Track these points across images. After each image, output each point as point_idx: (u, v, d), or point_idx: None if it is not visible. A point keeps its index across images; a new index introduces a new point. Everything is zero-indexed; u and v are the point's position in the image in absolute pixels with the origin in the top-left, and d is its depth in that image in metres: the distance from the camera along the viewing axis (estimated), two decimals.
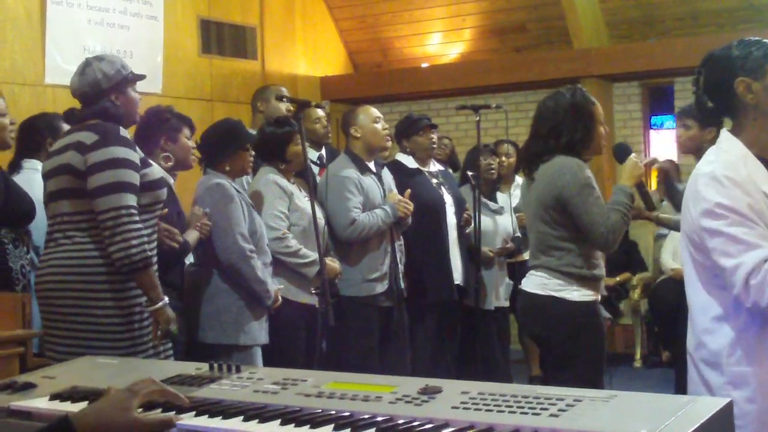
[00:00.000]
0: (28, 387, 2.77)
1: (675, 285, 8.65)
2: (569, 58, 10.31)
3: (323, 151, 6.64)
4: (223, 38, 10.02)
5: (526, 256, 7.30)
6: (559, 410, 2.09)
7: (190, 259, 5.20)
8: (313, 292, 5.30)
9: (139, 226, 4.06)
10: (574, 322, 4.27)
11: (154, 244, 4.27)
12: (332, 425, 2.19)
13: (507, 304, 7.09)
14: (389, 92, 10.97)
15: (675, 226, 5.91)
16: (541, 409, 2.11)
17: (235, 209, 5.02)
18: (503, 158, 7.64)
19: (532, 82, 10.49)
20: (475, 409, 2.18)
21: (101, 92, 4.21)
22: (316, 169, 6.35)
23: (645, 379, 8.74)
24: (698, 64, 3.04)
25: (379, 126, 5.98)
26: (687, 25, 10.05)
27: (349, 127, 6.00)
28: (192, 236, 4.86)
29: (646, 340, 9.62)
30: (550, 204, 4.27)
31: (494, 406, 2.17)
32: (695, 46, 9.63)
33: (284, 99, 5.57)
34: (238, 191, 5.13)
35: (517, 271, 7.28)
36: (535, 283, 4.36)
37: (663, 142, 10.37)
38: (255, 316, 5.07)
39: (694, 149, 5.77)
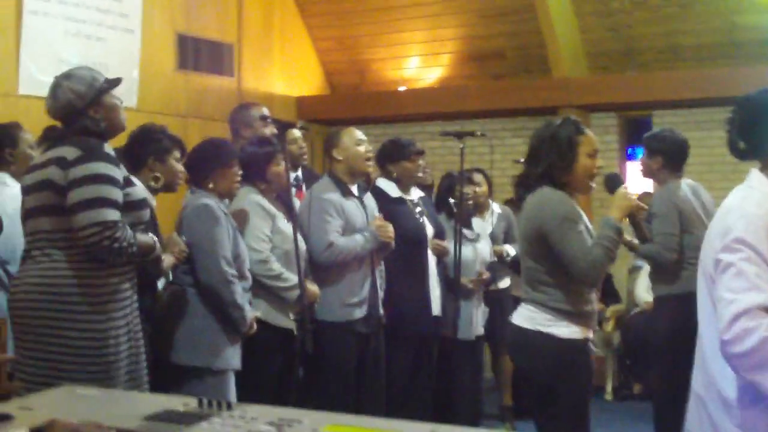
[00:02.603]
0: (5, 419, 2.62)
1: (648, 318, 8.63)
2: (548, 87, 10.31)
3: (299, 173, 6.52)
4: (200, 54, 9.91)
5: (501, 284, 7.25)
6: None
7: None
8: (292, 318, 5.22)
9: (125, 237, 3.95)
10: (560, 358, 4.17)
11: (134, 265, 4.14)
12: None
13: (482, 331, 6.98)
14: (366, 114, 10.90)
15: (647, 255, 5.91)
16: None
17: (221, 232, 4.93)
18: (476, 188, 7.51)
19: (510, 110, 10.48)
20: None
21: (77, 112, 4.08)
22: (293, 191, 6.18)
23: (616, 412, 8.70)
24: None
25: (362, 149, 5.86)
26: (667, 59, 10.07)
27: (331, 150, 5.89)
28: (167, 261, 4.73)
29: (617, 372, 9.56)
30: (533, 238, 4.21)
31: None
32: (674, 79, 9.68)
33: (268, 120, 5.51)
34: (225, 213, 5.04)
35: (493, 300, 7.20)
36: (524, 316, 4.27)
37: (639, 174, 10.34)
38: (230, 341, 4.97)
39: (649, 175, 6.25)
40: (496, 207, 7.78)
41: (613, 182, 4.39)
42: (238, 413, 2.55)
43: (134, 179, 4.30)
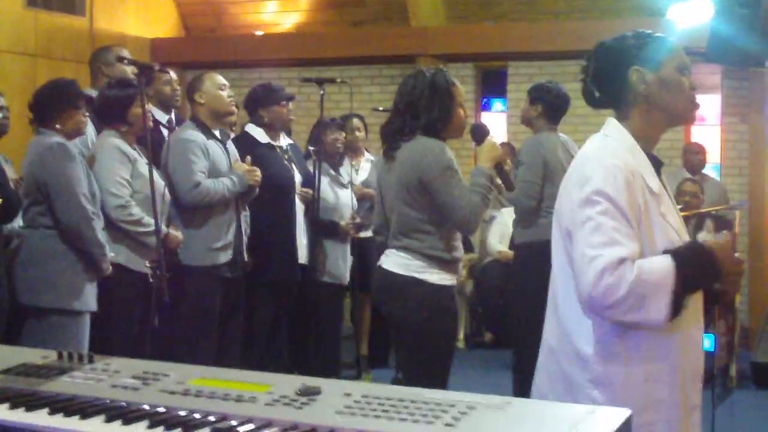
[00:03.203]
0: None
1: (501, 267, 8.79)
2: (406, 35, 10.28)
3: (172, 115, 6.38)
4: None
5: (365, 233, 7.26)
6: (453, 418, 1.98)
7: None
8: (148, 265, 5.13)
9: None
10: (431, 304, 4.25)
11: None
12: (208, 429, 2.01)
13: (347, 279, 6.99)
14: (222, 58, 10.68)
15: (509, 199, 6.08)
16: (434, 416, 2.00)
17: (77, 168, 4.88)
18: (356, 132, 7.54)
19: (368, 57, 10.40)
20: (362, 415, 2.04)
21: None
22: (165, 133, 6.09)
23: (468, 359, 8.82)
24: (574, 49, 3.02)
25: (224, 93, 5.79)
26: (524, 11, 10.18)
27: (193, 94, 5.78)
28: None
29: (469, 320, 9.71)
30: (413, 186, 4.24)
31: (382, 412, 2.04)
32: (531, 31, 9.79)
33: (125, 61, 5.41)
34: (79, 152, 4.99)
35: (359, 248, 7.20)
36: (397, 263, 4.30)
37: (494, 124, 10.47)
38: (89, 281, 4.95)
39: (526, 124, 6.51)
40: (369, 155, 7.78)
41: (480, 132, 4.49)
42: (101, 366, 2.47)
43: None
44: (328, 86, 6.58)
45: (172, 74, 6.30)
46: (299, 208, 6.34)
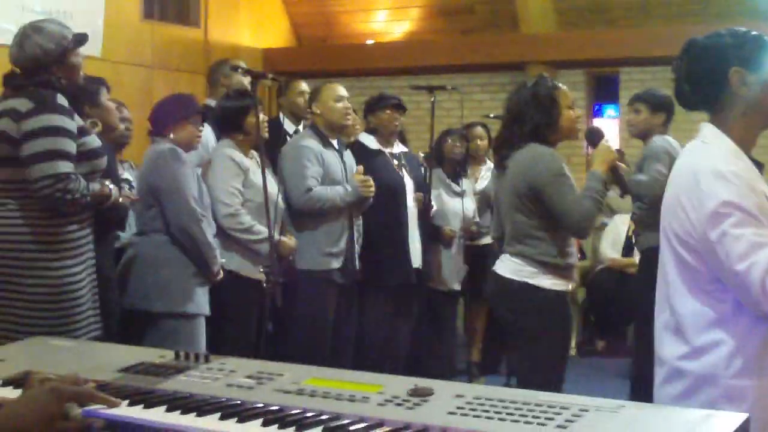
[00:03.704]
0: None
1: (613, 275, 8.67)
2: (516, 42, 10.24)
3: (301, 126, 6.54)
4: (166, 4, 9.74)
5: (483, 241, 7.22)
6: (567, 421, 1.96)
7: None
8: (261, 270, 5.19)
9: (78, 189, 3.96)
10: (545, 309, 4.30)
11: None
12: (320, 428, 2.03)
13: (459, 287, 7.00)
14: (332, 68, 10.78)
15: (638, 189, 5.88)
16: (546, 419, 1.98)
17: (187, 173, 4.94)
18: (478, 141, 7.54)
19: (479, 65, 10.39)
20: (474, 416, 2.03)
21: (41, 66, 4.07)
22: None
23: (580, 367, 8.69)
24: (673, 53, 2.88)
25: (340, 105, 5.88)
26: (635, 15, 10.04)
27: (311, 104, 5.95)
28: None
29: (581, 328, 9.59)
30: (524, 193, 4.28)
31: (495, 413, 2.03)
32: (643, 36, 9.64)
33: (239, 70, 5.66)
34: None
35: (475, 255, 7.18)
36: (510, 268, 4.38)
37: (606, 130, 10.35)
38: (201, 285, 5.00)
39: (642, 134, 6.23)
40: (490, 164, 7.65)
41: (595, 135, 4.56)
42: (217, 366, 2.51)
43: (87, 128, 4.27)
44: (439, 94, 6.59)
45: (304, 85, 6.43)
46: (412, 213, 6.34)
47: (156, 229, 4.95)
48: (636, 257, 7.11)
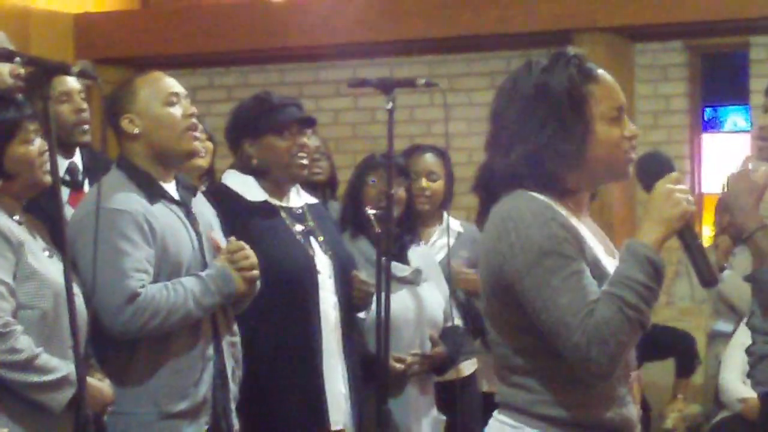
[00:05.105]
0: None
1: (747, 427, 5.70)
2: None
3: (77, 158, 4.49)
4: None
5: (464, 369, 4.80)
6: None
7: None
8: None
9: None
10: None
11: None
12: None
13: None
14: (200, 48, 7.77)
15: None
16: None
17: None
18: (423, 181, 4.96)
19: (476, 37, 7.55)
20: None
21: None
22: (66, 193, 4.27)
23: None
24: None
25: (176, 111, 3.79)
26: None
27: (119, 117, 3.82)
28: None
29: None
30: (494, 290, 2.78)
31: None
32: None
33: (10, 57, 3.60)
34: None
35: (449, 398, 4.65)
36: None
37: (722, 150, 7.23)
38: None
39: None
40: (454, 223, 5.14)
41: (653, 169, 2.76)
42: None
43: None
44: (406, 92, 4.88)
45: (72, 82, 4.30)
46: (332, 325, 4.26)
47: None
48: None
